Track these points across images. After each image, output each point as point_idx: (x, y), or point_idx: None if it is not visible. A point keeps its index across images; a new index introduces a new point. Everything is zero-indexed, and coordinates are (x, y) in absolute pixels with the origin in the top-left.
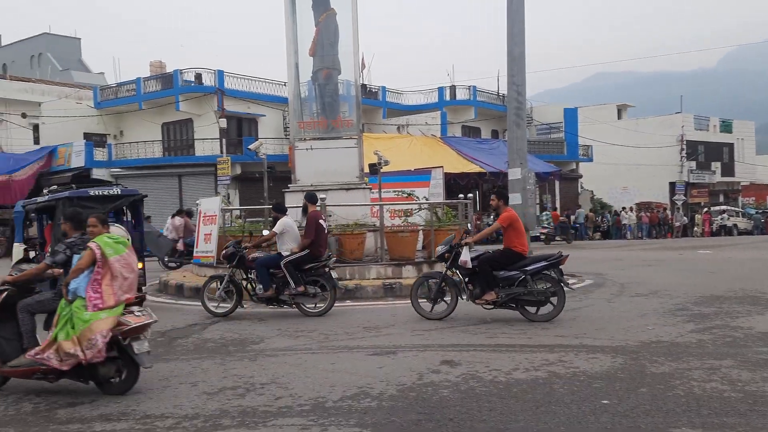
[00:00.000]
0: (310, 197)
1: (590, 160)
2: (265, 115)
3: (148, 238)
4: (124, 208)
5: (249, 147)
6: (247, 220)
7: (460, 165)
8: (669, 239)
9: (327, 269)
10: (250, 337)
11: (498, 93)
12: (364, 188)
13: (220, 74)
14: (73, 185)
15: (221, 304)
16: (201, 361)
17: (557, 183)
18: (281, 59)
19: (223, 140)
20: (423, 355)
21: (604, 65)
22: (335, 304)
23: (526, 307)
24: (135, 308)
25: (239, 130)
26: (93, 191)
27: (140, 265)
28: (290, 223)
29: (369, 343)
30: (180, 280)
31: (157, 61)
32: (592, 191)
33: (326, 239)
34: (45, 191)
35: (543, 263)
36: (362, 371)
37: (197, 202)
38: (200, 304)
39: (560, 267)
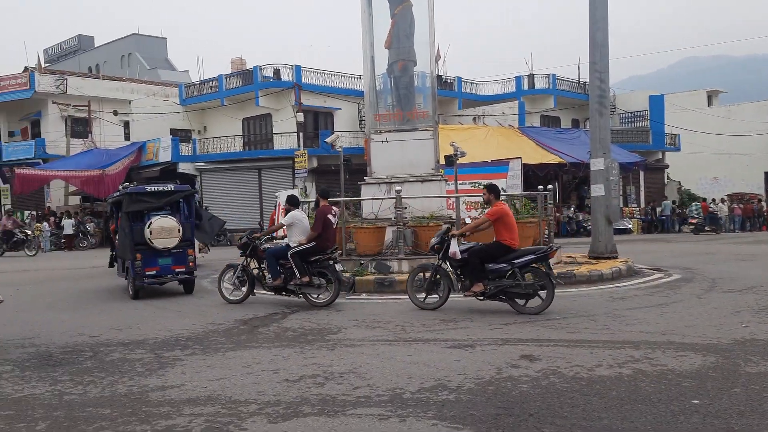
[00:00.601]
0: (322, 192)
1: (677, 149)
2: (340, 109)
3: (199, 226)
4: (180, 201)
5: (326, 140)
6: None
7: (538, 156)
8: (765, 232)
9: (332, 262)
10: (328, 327)
11: (579, 81)
12: (439, 180)
13: (297, 69)
14: (134, 183)
15: (234, 292)
16: (281, 350)
17: (642, 174)
18: (356, 52)
19: (300, 134)
20: (501, 349)
21: (692, 49)
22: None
23: (516, 300)
24: None
25: (316, 124)
26: (150, 188)
27: (190, 252)
28: (299, 216)
29: (446, 336)
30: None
31: (237, 58)
32: (679, 182)
33: (334, 234)
34: (120, 187)
35: (530, 256)
36: (439, 364)
37: (276, 194)
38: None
39: (548, 260)
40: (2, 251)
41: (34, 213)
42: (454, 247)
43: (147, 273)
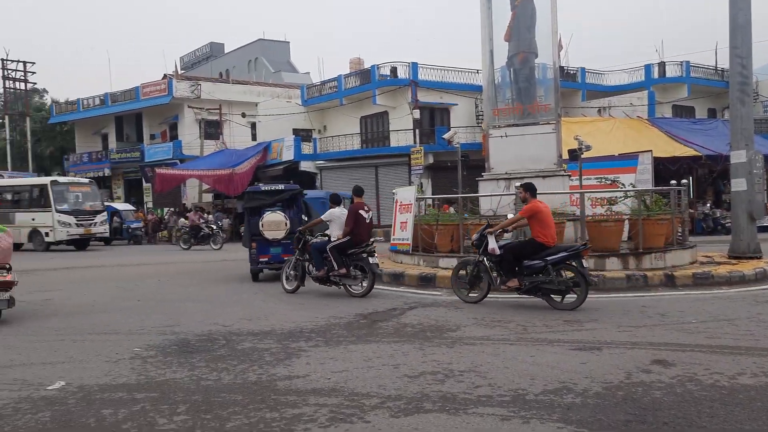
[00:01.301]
0: (356, 190)
1: None
2: (457, 104)
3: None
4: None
5: (443, 136)
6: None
7: (670, 148)
8: None
9: (365, 255)
10: (446, 324)
11: (716, 67)
12: (562, 175)
13: (414, 66)
14: (260, 183)
15: (290, 282)
16: (401, 345)
17: None
18: (472, 46)
19: (416, 131)
20: (631, 353)
21: None
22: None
23: (552, 296)
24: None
25: (432, 120)
26: (264, 187)
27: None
28: (337, 213)
29: (570, 338)
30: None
31: (356, 57)
32: None
33: (367, 228)
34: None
35: (563, 254)
36: (564, 366)
37: (393, 191)
38: (395, 289)
39: (581, 258)
40: (190, 245)
41: (172, 209)
42: (492, 244)
43: (261, 260)
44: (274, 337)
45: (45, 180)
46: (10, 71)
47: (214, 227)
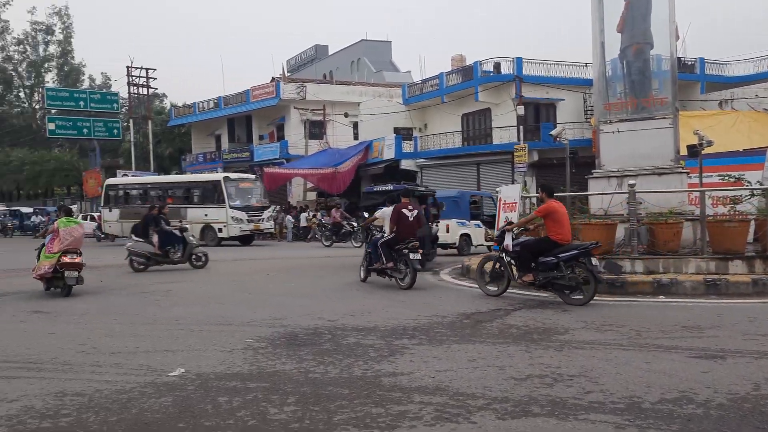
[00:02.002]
0: (404, 192)
1: None
2: (563, 99)
3: None
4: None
5: (550, 133)
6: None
7: None
8: None
9: (406, 251)
10: (554, 326)
11: None
12: (680, 173)
13: (518, 61)
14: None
15: (363, 272)
16: (506, 346)
17: None
18: (581, 41)
19: (521, 127)
20: (759, 363)
21: None
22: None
23: (564, 291)
24: (71, 255)
25: (536, 116)
26: (376, 188)
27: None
28: (388, 212)
29: (689, 345)
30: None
31: (458, 54)
32: None
33: (410, 226)
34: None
35: (574, 252)
36: (683, 374)
37: (497, 189)
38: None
39: (591, 256)
40: (332, 242)
41: (278, 207)
42: (507, 240)
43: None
44: (377, 333)
45: (218, 176)
46: (134, 77)
47: (355, 225)
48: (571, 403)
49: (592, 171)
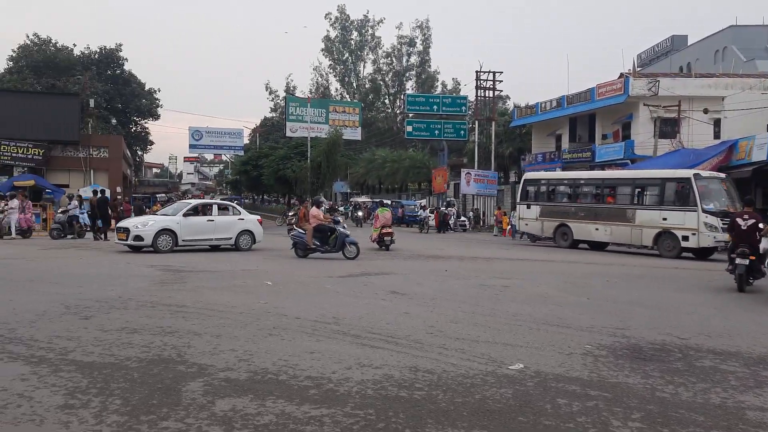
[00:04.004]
0: (748, 200)
1: None
2: None
3: None
4: None
5: None
6: None
7: None
8: None
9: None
10: None
11: None
12: None
13: None
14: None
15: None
16: None
17: None
18: None
19: None
20: None
21: None
22: None
23: None
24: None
25: None
26: None
27: None
28: None
29: None
30: None
31: None
32: None
33: (741, 235)
34: None
35: None
36: None
37: None
38: None
39: None
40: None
41: None
42: (765, 244)
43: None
44: (740, 359)
45: (685, 173)
46: (482, 81)
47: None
48: None
49: None
